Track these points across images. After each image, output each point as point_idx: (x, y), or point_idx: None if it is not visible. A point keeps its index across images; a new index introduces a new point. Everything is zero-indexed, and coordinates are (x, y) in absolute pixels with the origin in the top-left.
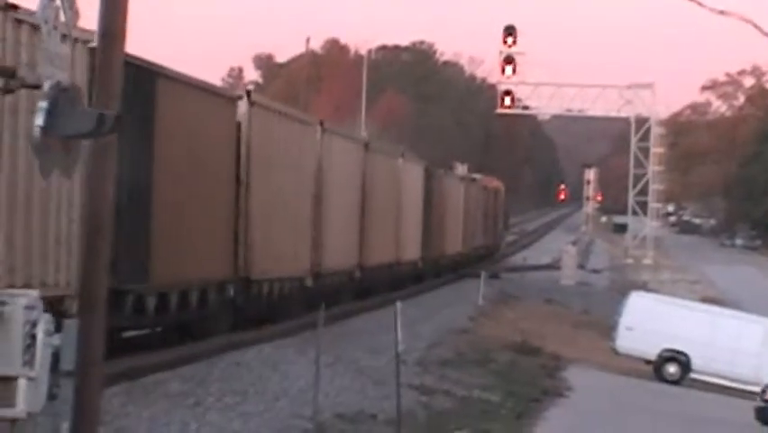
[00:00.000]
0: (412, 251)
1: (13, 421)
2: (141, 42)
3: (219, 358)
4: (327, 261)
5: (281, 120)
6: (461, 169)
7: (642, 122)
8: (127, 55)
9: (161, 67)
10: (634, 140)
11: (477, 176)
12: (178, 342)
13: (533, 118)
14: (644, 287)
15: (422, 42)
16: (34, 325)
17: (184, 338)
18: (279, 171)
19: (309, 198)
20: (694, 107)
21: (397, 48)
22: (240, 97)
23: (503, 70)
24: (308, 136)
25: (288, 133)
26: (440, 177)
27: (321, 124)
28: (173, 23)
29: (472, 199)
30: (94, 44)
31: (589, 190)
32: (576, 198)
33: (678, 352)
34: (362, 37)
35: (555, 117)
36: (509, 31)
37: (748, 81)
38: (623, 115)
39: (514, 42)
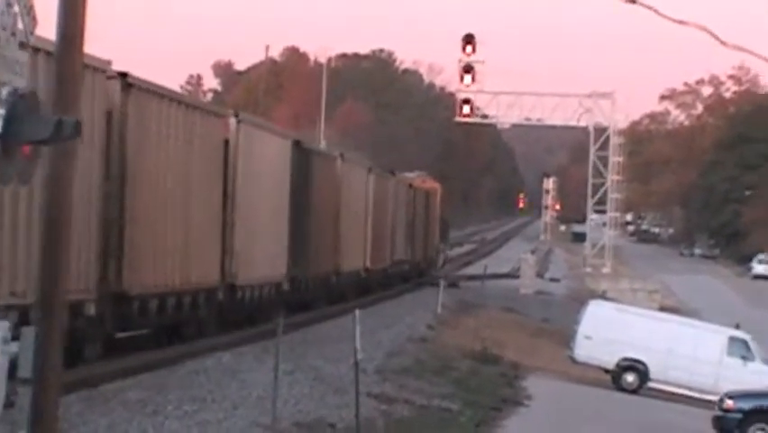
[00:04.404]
0: (266, 268)
1: None
2: (99, 48)
3: (179, 366)
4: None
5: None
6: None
7: (601, 131)
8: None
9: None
10: (593, 149)
11: (411, 174)
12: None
13: (492, 127)
14: (602, 296)
15: (381, 51)
16: None
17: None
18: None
19: None
20: (653, 116)
21: (356, 56)
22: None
23: (462, 79)
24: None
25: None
26: (326, 162)
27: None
28: (132, 29)
29: (390, 200)
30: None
31: (548, 199)
32: (535, 206)
33: (636, 361)
34: (322, 45)
35: (515, 126)
36: (468, 39)
37: (706, 90)
38: (582, 124)
39: (473, 51)
